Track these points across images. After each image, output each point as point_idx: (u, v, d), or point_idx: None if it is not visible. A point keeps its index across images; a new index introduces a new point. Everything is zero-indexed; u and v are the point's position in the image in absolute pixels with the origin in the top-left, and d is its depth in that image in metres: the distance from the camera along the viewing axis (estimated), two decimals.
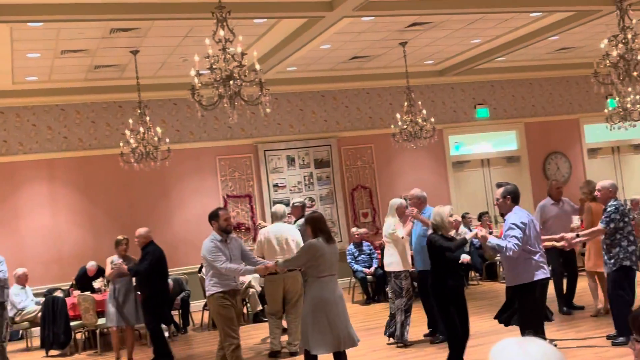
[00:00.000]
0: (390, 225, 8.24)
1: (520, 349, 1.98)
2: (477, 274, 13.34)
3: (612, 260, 7.28)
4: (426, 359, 7.74)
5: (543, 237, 6.85)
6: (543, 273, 6.16)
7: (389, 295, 8.44)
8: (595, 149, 16.30)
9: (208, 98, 7.51)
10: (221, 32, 7.08)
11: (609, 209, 7.32)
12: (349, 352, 6.46)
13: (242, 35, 7.92)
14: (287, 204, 13.69)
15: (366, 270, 12.07)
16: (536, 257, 6.15)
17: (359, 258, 12.28)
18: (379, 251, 12.40)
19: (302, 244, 7.76)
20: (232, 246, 7.14)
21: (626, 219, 7.26)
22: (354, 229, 12.82)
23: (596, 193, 7.67)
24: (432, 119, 12.47)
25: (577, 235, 7.49)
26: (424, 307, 8.61)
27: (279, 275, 8.23)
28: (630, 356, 2.30)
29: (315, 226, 6.29)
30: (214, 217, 7.16)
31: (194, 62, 7.23)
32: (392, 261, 8.18)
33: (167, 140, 11.21)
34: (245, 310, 11.12)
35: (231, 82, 6.91)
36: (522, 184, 15.02)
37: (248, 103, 7.11)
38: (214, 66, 6.98)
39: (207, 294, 7.14)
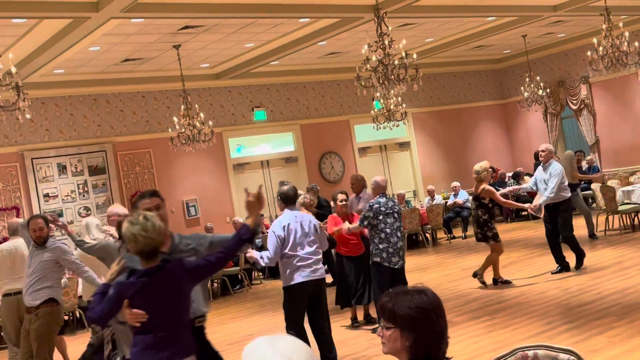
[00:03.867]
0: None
1: (269, 347, 2.06)
2: (261, 274, 13.61)
3: (370, 255, 7.76)
4: None
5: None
6: (301, 277, 6.24)
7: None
8: (365, 147, 17.36)
9: None
10: None
11: (365, 208, 7.80)
12: None
13: None
14: (60, 215, 12.96)
15: None
16: (294, 262, 6.23)
17: None
18: None
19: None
20: None
21: (380, 217, 7.59)
22: None
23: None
24: (211, 122, 12.48)
25: (349, 229, 7.96)
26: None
27: (13, 298, 7.38)
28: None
29: None
30: None
31: None
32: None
33: None
34: None
35: None
36: (300, 183, 15.58)
37: (4, 109, 6.59)
38: None
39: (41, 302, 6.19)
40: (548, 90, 17.07)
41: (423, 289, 2.43)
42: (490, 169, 9.74)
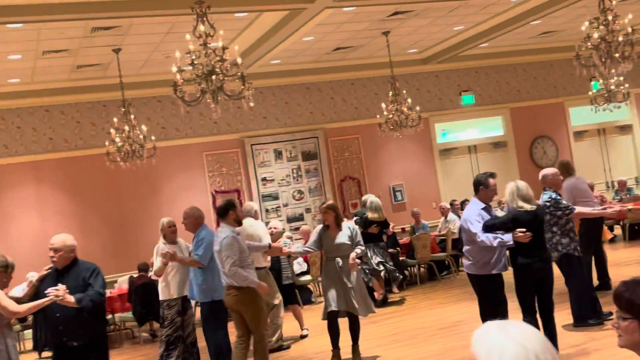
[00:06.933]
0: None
1: (501, 332, 2.00)
2: None
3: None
4: None
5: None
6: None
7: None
8: (582, 131, 16.37)
9: (191, 94, 7.50)
10: (201, 28, 7.06)
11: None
12: None
13: (224, 30, 7.90)
14: (276, 198, 13.73)
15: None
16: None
17: None
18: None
19: None
20: None
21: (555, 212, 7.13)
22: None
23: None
24: (418, 108, 12.48)
25: None
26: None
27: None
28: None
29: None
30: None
31: (176, 58, 7.21)
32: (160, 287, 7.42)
33: (153, 138, 11.15)
34: None
35: (213, 77, 6.89)
36: (509, 169, 15.10)
37: (231, 98, 7.10)
38: (195, 62, 6.96)
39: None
40: None
41: None
42: None
